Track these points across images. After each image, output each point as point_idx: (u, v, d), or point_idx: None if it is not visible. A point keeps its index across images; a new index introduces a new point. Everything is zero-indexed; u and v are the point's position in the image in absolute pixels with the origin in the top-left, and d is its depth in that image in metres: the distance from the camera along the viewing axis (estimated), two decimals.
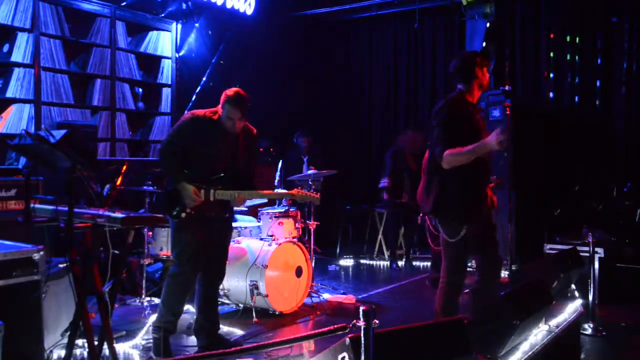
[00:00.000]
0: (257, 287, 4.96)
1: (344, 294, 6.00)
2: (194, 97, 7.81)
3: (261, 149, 7.86)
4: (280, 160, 7.65)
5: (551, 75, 7.85)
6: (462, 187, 3.55)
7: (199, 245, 3.97)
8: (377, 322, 2.14)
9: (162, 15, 7.33)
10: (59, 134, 4.51)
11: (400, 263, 7.69)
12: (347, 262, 7.98)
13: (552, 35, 7.82)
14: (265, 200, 5.72)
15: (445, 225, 3.62)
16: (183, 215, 3.91)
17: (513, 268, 6.53)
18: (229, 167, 4.03)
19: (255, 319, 4.86)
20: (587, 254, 4.84)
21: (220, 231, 4.17)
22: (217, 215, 4.05)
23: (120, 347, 4.07)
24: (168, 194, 3.96)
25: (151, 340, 4.27)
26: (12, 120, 5.84)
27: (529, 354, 3.43)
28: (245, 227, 5.71)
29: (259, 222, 5.72)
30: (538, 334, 3.74)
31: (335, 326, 2.36)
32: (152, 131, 7.31)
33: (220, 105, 4.00)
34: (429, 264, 7.11)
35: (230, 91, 3.99)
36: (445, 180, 3.57)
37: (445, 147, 3.48)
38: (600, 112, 7.54)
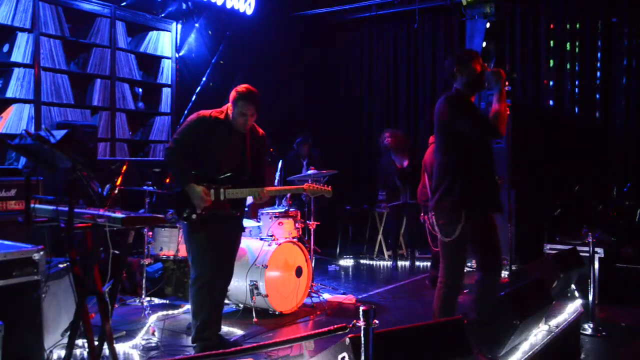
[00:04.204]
0: (257, 287, 4.96)
1: (344, 294, 6.00)
2: (194, 97, 7.81)
3: None
4: (280, 160, 7.66)
5: (551, 75, 7.85)
6: (467, 184, 3.55)
7: (213, 245, 3.95)
8: (377, 322, 2.14)
9: (162, 15, 7.33)
10: (59, 134, 4.51)
11: (400, 263, 7.71)
12: (347, 262, 7.98)
13: (552, 32, 7.82)
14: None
15: (443, 223, 3.61)
16: (194, 216, 3.88)
17: (513, 268, 6.52)
18: (237, 166, 4.02)
19: (255, 319, 4.86)
20: (587, 254, 4.84)
21: (232, 230, 4.14)
22: (228, 213, 4.03)
23: (120, 347, 4.07)
24: (177, 196, 3.93)
25: (151, 341, 4.28)
26: (12, 120, 5.84)
27: (529, 354, 3.44)
28: (246, 227, 5.71)
29: (258, 222, 5.72)
30: (538, 334, 3.75)
31: (335, 326, 2.36)
32: (152, 131, 7.31)
33: (230, 103, 3.98)
34: (429, 264, 7.11)
35: (241, 87, 3.97)
36: (453, 175, 3.58)
37: (479, 128, 3.52)
38: (600, 111, 7.54)
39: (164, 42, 7.40)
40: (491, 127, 3.52)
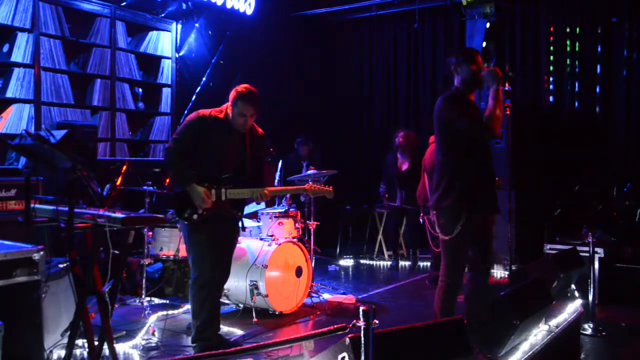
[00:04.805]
0: (257, 287, 4.96)
1: (344, 294, 6.00)
2: (194, 97, 7.81)
3: None
4: (280, 160, 7.67)
5: (551, 75, 7.85)
6: (466, 183, 3.56)
7: (214, 245, 3.94)
8: (377, 322, 2.14)
9: (162, 15, 7.32)
10: (59, 134, 4.53)
11: (401, 263, 7.71)
12: (347, 262, 7.98)
13: (552, 33, 7.82)
14: (263, 206, 5.73)
15: (443, 222, 3.62)
16: (195, 217, 3.86)
17: (513, 268, 6.54)
18: (237, 166, 4.00)
19: (255, 319, 4.86)
20: (587, 254, 4.84)
21: (231, 230, 4.15)
22: (229, 214, 4.03)
23: (120, 347, 4.07)
24: (177, 196, 3.90)
25: (151, 341, 4.28)
26: (12, 120, 5.84)
27: (529, 354, 3.44)
28: (246, 227, 5.71)
29: (258, 222, 5.72)
30: (538, 334, 3.75)
31: (335, 326, 2.36)
32: (152, 131, 7.31)
33: (229, 103, 3.95)
34: (428, 264, 7.12)
35: (241, 87, 3.95)
36: (452, 175, 3.58)
37: (474, 127, 3.52)
38: (600, 111, 7.54)
39: (164, 42, 7.40)
40: (485, 126, 3.52)
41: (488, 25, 7.96)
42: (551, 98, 7.85)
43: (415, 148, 7.45)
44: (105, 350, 3.13)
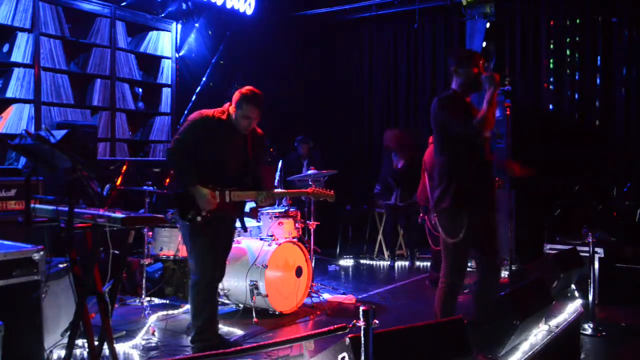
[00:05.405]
0: (257, 287, 4.96)
1: (344, 294, 6.00)
2: (194, 97, 7.81)
3: None
4: (280, 160, 7.67)
5: (551, 76, 7.85)
6: (463, 184, 3.56)
7: (215, 246, 3.93)
8: (377, 322, 2.14)
9: (162, 15, 7.33)
10: (59, 134, 4.52)
11: (400, 263, 7.71)
12: (347, 262, 7.98)
13: (552, 33, 7.82)
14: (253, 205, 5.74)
15: (445, 223, 3.62)
16: (199, 218, 3.83)
17: (513, 268, 6.54)
18: (240, 167, 3.99)
19: (255, 319, 4.86)
20: (587, 254, 4.84)
21: (230, 231, 4.16)
22: (232, 215, 4.03)
23: (120, 347, 4.07)
24: (179, 197, 3.87)
25: (151, 341, 4.28)
26: (12, 120, 5.84)
27: (529, 354, 3.44)
28: (246, 228, 5.70)
29: (259, 222, 5.72)
30: (538, 334, 3.75)
31: (335, 326, 2.36)
32: (152, 131, 7.31)
33: (233, 105, 3.93)
34: (428, 264, 7.12)
35: (246, 89, 3.93)
36: (450, 176, 3.59)
37: (466, 130, 3.52)
38: (600, 111, 7.54)
39: (164, 42, 7.40)
40: (475, 128, 3.51)
41: (488, 25, 7.97)
42: (551, 98, 7.85)
43: (406, 147, 7.45)
44: (105, 350, 3.14)
